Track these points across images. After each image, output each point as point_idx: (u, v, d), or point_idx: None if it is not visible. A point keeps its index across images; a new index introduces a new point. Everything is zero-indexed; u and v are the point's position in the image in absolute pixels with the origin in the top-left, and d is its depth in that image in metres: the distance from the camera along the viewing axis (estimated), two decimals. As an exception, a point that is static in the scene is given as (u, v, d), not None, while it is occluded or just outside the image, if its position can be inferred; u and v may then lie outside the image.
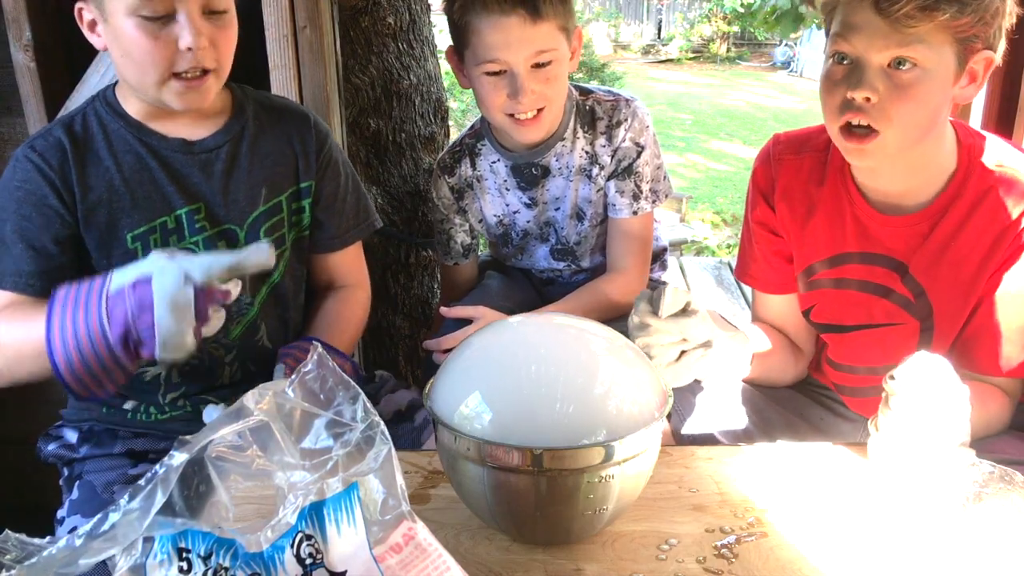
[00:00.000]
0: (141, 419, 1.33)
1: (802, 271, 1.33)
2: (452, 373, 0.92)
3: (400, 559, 0.71)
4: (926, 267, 1.21)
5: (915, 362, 0.92)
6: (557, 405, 0.85)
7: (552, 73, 1.48)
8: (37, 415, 1.53)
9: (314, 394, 0.75)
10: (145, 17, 1.14)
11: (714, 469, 1.07)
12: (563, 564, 0.89)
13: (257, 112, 1.36)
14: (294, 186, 1.36)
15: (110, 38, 1.18)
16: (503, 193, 1.68)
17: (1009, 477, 0.88)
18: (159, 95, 1.20)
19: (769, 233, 1.36)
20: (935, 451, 0.92)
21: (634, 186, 1.60)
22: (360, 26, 2.07)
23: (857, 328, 1.29)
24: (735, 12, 12.56)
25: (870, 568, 0.88)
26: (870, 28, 1.07)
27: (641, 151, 1.59)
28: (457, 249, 1.75)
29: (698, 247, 5.61)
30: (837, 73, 1.12)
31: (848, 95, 1.10)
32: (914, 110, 1.10)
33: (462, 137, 1.72)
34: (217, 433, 0.72)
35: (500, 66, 1.46)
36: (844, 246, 1.27)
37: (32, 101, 1.62)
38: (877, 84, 1.08)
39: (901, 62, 1.07)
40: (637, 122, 1.59)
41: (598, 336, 0.94)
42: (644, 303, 1.05)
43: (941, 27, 1.05)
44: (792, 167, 1.31)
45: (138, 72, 1.18)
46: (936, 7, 1.03)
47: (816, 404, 1.43)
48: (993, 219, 1.16)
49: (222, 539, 0.71)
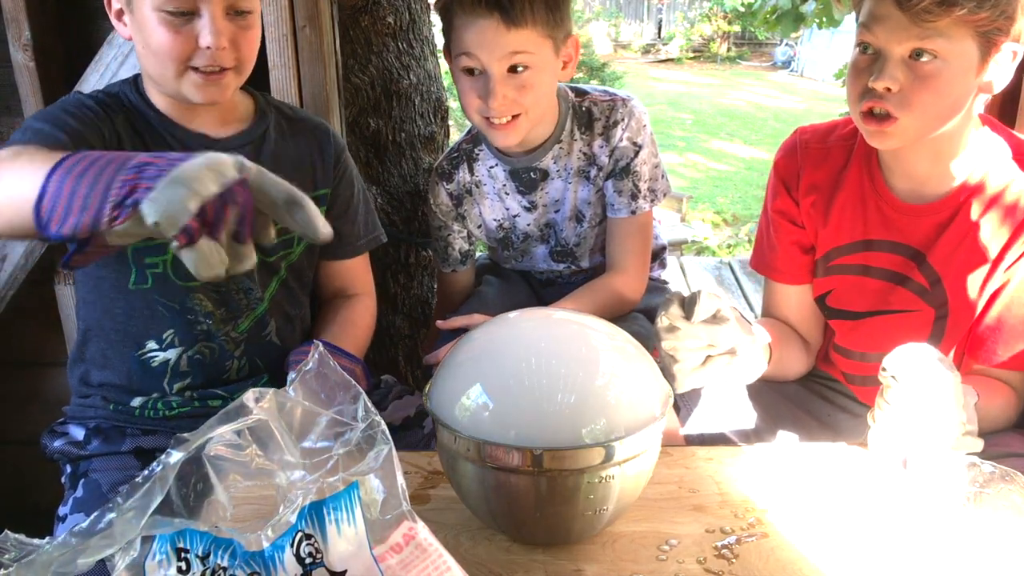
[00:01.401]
0: (149, 415, 1.33)
1: (821, 256, 1.35)
2: (452, 367, 0.92)
3: (400, 559, 0.71)
4: (944, 256, 1.22)
5: (904, 351, 0.94)
6: (558, 401, 0.84)
7: (529, 81, 1.45)
8: (37, 415, 1.53)
9: (315, 393, 0.75)
10: (169, 12, 1.16)
11: (714, 469, 1.07)
12: (563, 564, 0.89)
13: (278, 119, 1.39)
14: (311, 193, 1.37)
15: (135, 28, 1.21)
16: (502, 198, 1.68)
17: (1010, 477, 0.88)
18: (178, 87, 1.22)
19: (789, 223, 1.37)
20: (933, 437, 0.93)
21: (632, 185, 1.59)
22: (360, 26, 2.07)
23: (871, 315, 1.31)
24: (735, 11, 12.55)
25: (870, 568, 0.88)
26: (891, 20, 1.10)
27: (639, 150, 1.59)
28: (455, 256, 1.75)
29: (698, 247, 5.61)
30: (862, 62, 1.16)
31: (870, 84, 1.13)
32: (934, 100, 1.12)
33: (459, 142, 1.71)
34: (215, 431, 0.71)
35: (474, 63, 1.45)
36: (867, 233, 1.29)
37: (31, 101, 1.62)
38: (897, 74, 1.11)
39: (921, 53, 1.10)
40: (634, 121, 1.58)
41: (599, 333, 0.94)
42: (675, 306, 1.04)
43: (960, 21, 1.07)
44: (819, 154, 1.34)
45: (158, 64, 1.20)
46: (954, 2, 1.05)
47: (822, 400, 1.44)
48: (1014, 211, 1.18)
49: (219, 539, 0.71)
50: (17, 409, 1.91)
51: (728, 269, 4.71)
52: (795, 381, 1.44)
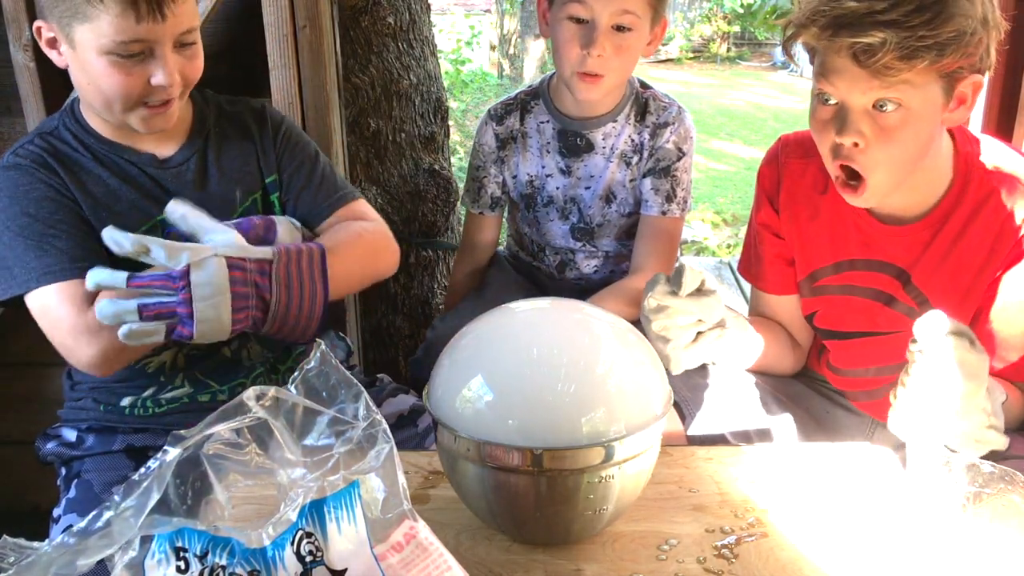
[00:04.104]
0: (139, 414, 1.32)
1: (805, 277, 1.34)
2: (452, 362, 0.92)
3: (401, 558, 0.71)
4: (928, 275, 1.21)
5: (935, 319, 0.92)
6: (558, 390, 0.84)
7: (627, 42, 1.50)
8: (37, 415, 1.53)
9: (317, 391, 0.75)
10: (120, 55, 1.12)
11: (714, 469, 1.07)
12: (563, 564, 0.89)
13: (218, 119, 1.35)
14: (262, 183, 1.37)
15: (75, 64, 1.16)
16: (543, 154, 1.70)
17: (1010, 477, 0.88)
18: (125, 120, 1.19)
19: (772, 235, 1.36)
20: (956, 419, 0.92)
21: (669, 187, 1.63)
22: (360, 26, 2.07)
23: (861, 335, 1.30)
24: (735, 12, 12.55)
25: (870, 568, 0.88)
26: (849, 74, 1.05)
27: (682, 156, 1.63)
28: (486, 200, 1.77)
29: (698, 247, 5.61)
30: (824, 114, 1.12)
31: (836, 140, 1.10)
32: (902, 150, 1.09)
33: (519, 92, 1.76)
34: (214, 429, 0.71)
35: (585, 13, 1.48)
36: (847, 253, 1.28)
37: (31, 101, 1.62)
38: (862, 127, 1.07)
39: (884, 104, 1.06)
40: (683, 129, 1.63)
41: (601, 330, 0.93)
42: (661, 284, 1.04)
43: (924, 70, 1.03)
44: (797, 171, 1.31)
45: (105, 102, 1.17)
46: (915, 55, 1.01)
47: (822, 398, 1.43)
48: (992, 223, 1.16)
49: (217, 537, 0.71)
50: (17, 410, 1.91)
51: (728, 269, 4.71)
52: (796, 381, 1.44)
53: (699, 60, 15.54)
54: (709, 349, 1.08)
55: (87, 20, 1.10)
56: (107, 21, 1.09)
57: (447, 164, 2.42)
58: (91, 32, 1.10)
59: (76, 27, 1.11)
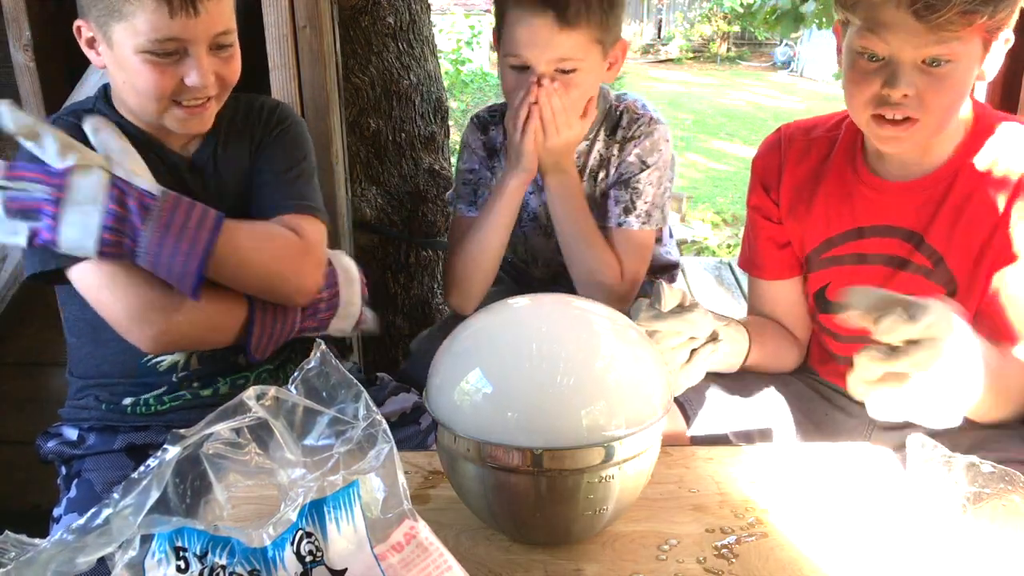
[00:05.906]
0: (140, 412, 1.32)
1: (814, 249, 1.34)
2: (451, 358, 0.92)
3: (401, 558, 0.71)
4: (943, 234, 1.21)
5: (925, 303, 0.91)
6: (558, 383, 0.84)
7: (573, 81, 1.46)
8: (37, 415, 1.53)
9: (317, 391, 0.75)
10: (155, 53, 1.14)
11: (714, 469, 1.07)
12: (563, 564, 0.89)
13: (232, 119, 1.33)
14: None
15: (112, 63, 1.19)
16: None
17: (1010, 477, 0.88)
18: (160, 119, 1.21)
19: (764, 219, 1.38)
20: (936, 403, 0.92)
21: (629, 199, 1.60)
22: (360, 26, 2.07)
23: None
24: (735, 12, 12.55)
25: (871, 568, 0.88)
26: (904, 29, 1.07)
27: (645, 168, 1.59)
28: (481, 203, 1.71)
29: (698, 247, 5.61)
30: (867, 68, 1.13)
31: (883, 92, 1.11)
32: (951, 100, 1.13)
33: (503, 104, 1.71)
34: (214, 428, 0.71)
35: (522, 62, 1.46)
36: (856, 220, 1.29)
37: (31, 101, 1.62)
38: (914, 80, 1.10)
39: (936, 61, 1.09)
40: (649, 142, 1.60)
41: (602, 327, 0.93)
42: (644, 310, 1.04)
43: (975, 27, 1.06)
44: (801, 149, 1.34)
45: (141, 99, 1.19)
46: (975, 11, 1.04)
47: (822, 399, 1.43)
48: (1007, 176, 1.17)
49: (217, 536, 0.71)
50: (17, 409, 1.91)
51: (728, 269, 4.71)
52: (796, 381, 1.44)
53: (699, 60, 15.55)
54: (706, 365, 1.08)
55: (123, 18, 1.12)
56: (142, 18, 1.12)
57: (447, 164, 2.42)
58: (127, 30, 1.13)
59: (113, 26, 1.14)
